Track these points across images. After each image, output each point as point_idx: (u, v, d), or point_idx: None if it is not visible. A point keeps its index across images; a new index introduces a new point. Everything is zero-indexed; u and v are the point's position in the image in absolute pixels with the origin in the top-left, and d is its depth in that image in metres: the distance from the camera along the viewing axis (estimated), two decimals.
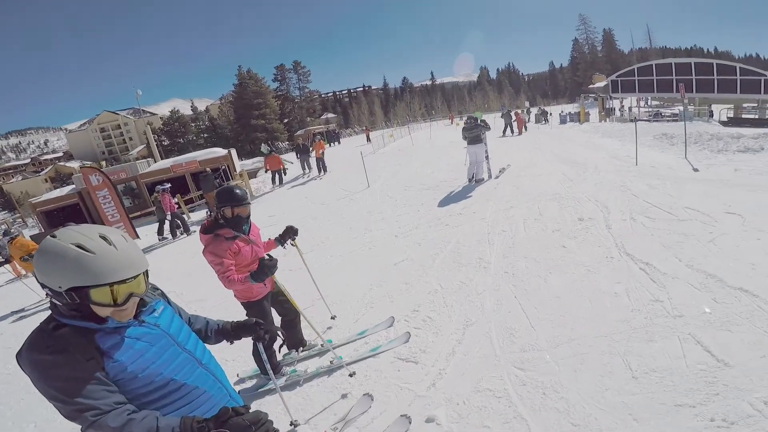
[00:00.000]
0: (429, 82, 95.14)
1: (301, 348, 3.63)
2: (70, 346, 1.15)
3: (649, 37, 79.39)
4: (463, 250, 5.32)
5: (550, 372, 2.76)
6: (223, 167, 16.67)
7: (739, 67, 22.26)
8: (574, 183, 7.81)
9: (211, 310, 5.14)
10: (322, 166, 15.90)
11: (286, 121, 66.81)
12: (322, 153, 15.96)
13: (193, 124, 68.93)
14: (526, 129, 22.41)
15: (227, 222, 2.83)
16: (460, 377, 2.89)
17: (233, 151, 19.56)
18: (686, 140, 9.52)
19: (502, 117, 22.73)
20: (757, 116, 19.62)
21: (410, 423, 2.54)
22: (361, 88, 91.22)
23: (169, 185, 11.63)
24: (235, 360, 3.73)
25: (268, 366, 2.11)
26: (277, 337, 1.91)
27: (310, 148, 17.58)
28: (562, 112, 29.69)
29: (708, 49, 79.51)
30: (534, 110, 29.94)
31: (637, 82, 25.71)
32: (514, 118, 21.77)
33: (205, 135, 67.56)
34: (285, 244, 3.48)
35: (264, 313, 3.07)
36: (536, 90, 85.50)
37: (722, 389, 2.32)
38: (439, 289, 4.35)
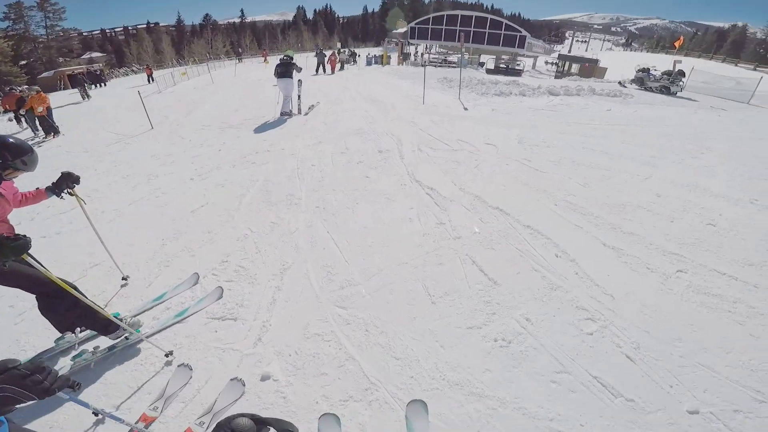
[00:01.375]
0: (238, 20, 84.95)
1: (79, 328, 2.73)
2: None
3: None
4: (272, 188, 5.03)
5: (367, 306, 2.90)
6: None
7: (505, 23, 27.54)
8: (375, 119, 8.39)
9: None
10: (47, 126, 10.79)
11: (24, 62, 49.13)
12: (48, 109, 10.72)
13: None
14: (342, 68, 22.87)
15: None
16: (287, 326, 2.75)
17: None
18: (461, 84, 11.39)
19: (315, 56, 22.40)
20: (508, 66, 25.16)
21: (244, 385, 2.31)
22: (145, 25, 76.08)
23: None
24: None
25: None
26: None
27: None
28: (369, 54, 31.05)
29: (487, 6, 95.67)
30: (344, 51, 30.23)
31: (430, 30, 28.92)
32: (327, 57, 21.76)
33: None
34: (62, 194, 2.77)
35: (15, 275, 2.32)
36: (349, 32, 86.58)
37: (497, 308, 2.82)
38: (249, 233, 3.99)
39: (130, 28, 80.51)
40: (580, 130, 7.18)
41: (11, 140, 2.36)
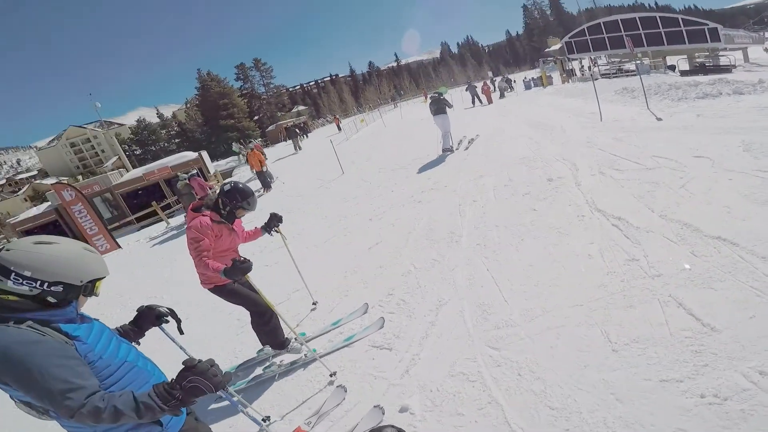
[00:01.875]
0: (395, 64, 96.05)
1: None
2: (46, 334, 1.24)
3: None
4: (435, 226, 5.17)
5: (525, 350, 2.58)
6: (194, 171, 16.30)
7: (681, 19, 23.25)
8: (542, 145, 7.77)
9: (192, 312, 4.78)
10: (263, 181, 12.85)
11: (256, 118, 66.05)
12: (263, 166, 12.85)
13: (162, 131, 67.36)
14: (502, 96, 22.85)
15: (221, 213, 2.96)
16: (434, 362, 2.73)
17: (204, 153, 19.28)
18: (645, 92, 9.59)
19: (467, 90, 23.01)
20: (706, 64, 20.46)
21: (383, 414, 2.42)
22: (329, 78, 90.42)
23: (195, 171, 11.77)
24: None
25: (182, 347, 2.01)
26: (167, 320, 1.85)
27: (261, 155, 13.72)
28: (525, 78, 29.95)
29: (649, 4, 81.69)
30: (498, 79, 29.96)
31: (589, 41, 26.28)
32: (479, 88, 22.07)
33: (177, 140, 66.34)
34: (271, 232, 3.52)
35: (236, 293, 3.03)
36: (498, 59, 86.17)
37: (711, 359, 2.11)
38: (412, 269, 4.18)
39: (319, 81, 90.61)
40: None
41: (241, 185, 3.04)
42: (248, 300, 3.07)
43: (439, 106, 9.27)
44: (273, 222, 3.48)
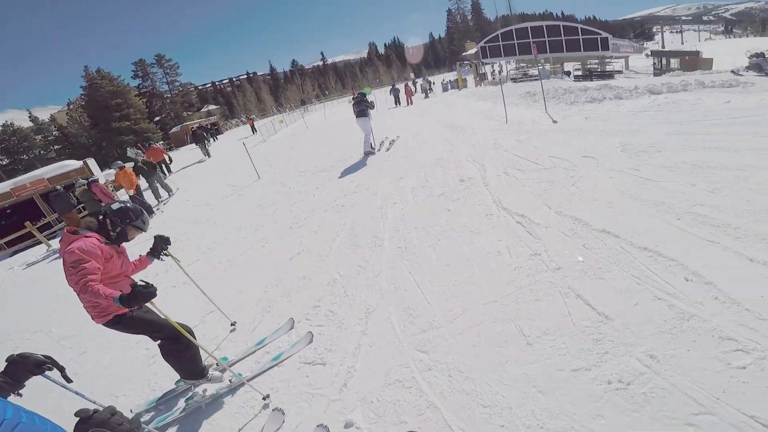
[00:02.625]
0: (321, 63, 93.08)
1: None
2: None
3: (509, 4, 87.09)
4: (358, 230, 5.17)
5: (451, 351, 2.70)
6: (95, 177, 13.90)
7: (581, 28, 26.25)
8: (455, 146, 8.22)
9: (88, 344, 4.30)
10: (141, 205, 10.62)
11: (157, 119, 59.03)
12: (137, 188, 10.56)
13: (37, 137, 57.06)
14: (427, 96, 23.86)
15: (109, 234, 2.66)
16: (370, 372, 2.73)
17: (91, 161, 16.62)
18: (544, 96, 10.72)
19: (391, 93, 23.56)
20: (592, 72, 23.55)
21: None
22: (245, 76, 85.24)
23: (96, 177, 10.16)
24: (126, 395, 3.24)
25: (78, 393, 1.82)
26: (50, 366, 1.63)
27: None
28: (444, 80, 31.59)
29: (557, 14, 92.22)
30: (419, 81, 31.25)
31: (501, 46, 28.42)
32: (402, 90, 22.74)
33: (56, 147, 56.56)
34: (160, 257, 3.11)
35: (139, 321, 2.66)
36: (420, 61, 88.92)
37: (610, 346, 2.38)
38: (338, 278, 4.12)
39: (234, 79, 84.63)
40: (697, 129, 6.03)
41: (130, 204, 2.79)
42: (156, 326, 2.70)
43: (361, 108, 9.30)
44: (159, 245, 3.07)
